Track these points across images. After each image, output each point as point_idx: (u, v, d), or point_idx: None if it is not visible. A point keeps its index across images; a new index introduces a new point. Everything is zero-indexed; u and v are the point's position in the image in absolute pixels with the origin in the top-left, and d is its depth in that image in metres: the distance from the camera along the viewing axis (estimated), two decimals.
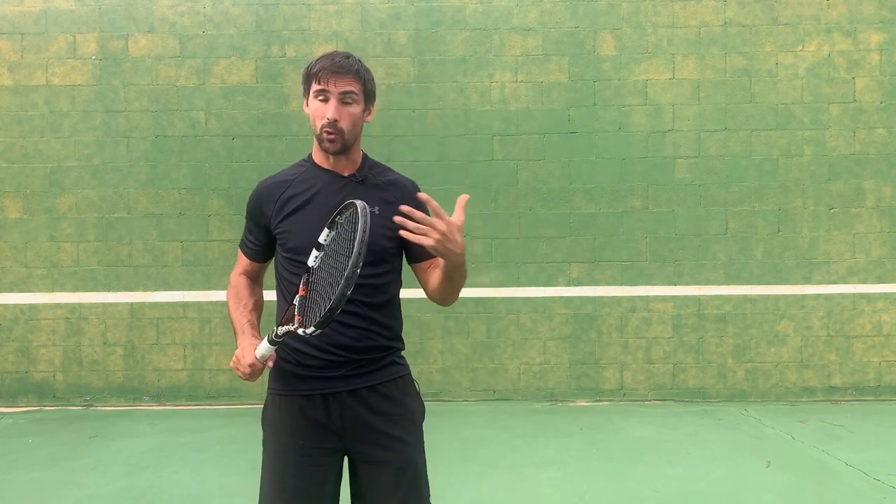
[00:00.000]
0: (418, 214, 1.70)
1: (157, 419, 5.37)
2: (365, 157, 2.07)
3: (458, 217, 1.75)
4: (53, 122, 5.79)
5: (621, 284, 5.82)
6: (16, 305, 5.76)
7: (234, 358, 1.88)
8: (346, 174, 1.99)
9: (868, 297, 5.81)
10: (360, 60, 1.95)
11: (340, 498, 2.01)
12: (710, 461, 4.33)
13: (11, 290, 5.77)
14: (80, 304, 5.77)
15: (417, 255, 2.01)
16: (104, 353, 5.78)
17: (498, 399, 5.78)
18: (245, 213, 2.08)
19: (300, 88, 2.07)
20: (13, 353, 5.76)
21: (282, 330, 1.78)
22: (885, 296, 5.81)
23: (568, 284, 5.82)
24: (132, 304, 5.78)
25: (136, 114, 5.80)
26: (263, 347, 1.82)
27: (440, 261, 1.86)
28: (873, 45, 5.82)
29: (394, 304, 2.02)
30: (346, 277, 1.58)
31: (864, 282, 5.80)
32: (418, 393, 2.06)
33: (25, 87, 5.78)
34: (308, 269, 1.80)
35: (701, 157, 5.83)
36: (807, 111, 5.83)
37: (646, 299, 5.81)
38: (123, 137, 5.81)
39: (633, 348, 5.81)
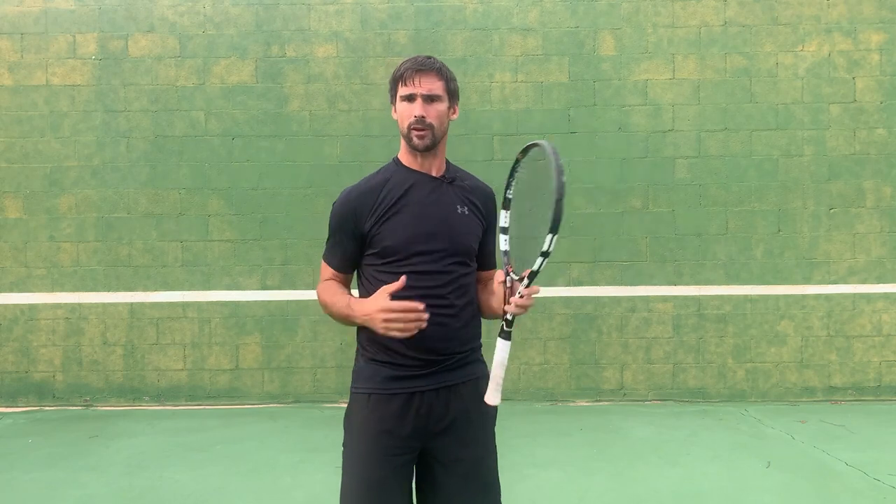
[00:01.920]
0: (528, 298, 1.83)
1: (157, 419, 5.37)
2: (447, 160, 2.11)
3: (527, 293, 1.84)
4: (53, 122, 5.79)
5: (621, 284, 5.82)
6: (16, 305, 5.77)
7: (377, 315, 1.81)
8: (435, 174, 2.03)
9: (868, 297, 5.81)
10: (441, 62, 2.04)
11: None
12: (710, 461, 4.33)
13: (11, 290, 5.77)
14: (80, 304, 5.77)
15: (481, 263, 2.12)
16: (104, 353, 5.78)
17: None
18: (331, 226, 2.03)
19: (300, 88, 2.11)
20: (13, 353, 5.77)
21: (511, 308, 1.84)
22: (885, 296, 5.81)
23: (568, 284, 5.82)
24: (132, 304, 5.78)
25: (136, 114, 5.81)
26: (502, 352, 1.86)
27: (494, 275, 2.04)
28: (873, 45, 5.82)
29: (475, 302, 2.08)
30: (557, 168, 1.70)
31: (864, 282, 5.80)
32: None
33: (25, 87, 5.78)
34: (504, 252, 1.95)
35: (701, 157, 5.83)
36: (807, 111, 5.83)
37: (646, 299, 5.81)
38: (123, 137, 5.81)
39: (633, 348, 5.81)
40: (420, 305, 1.80)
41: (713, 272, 5.82)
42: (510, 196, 1.98)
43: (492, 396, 1.86)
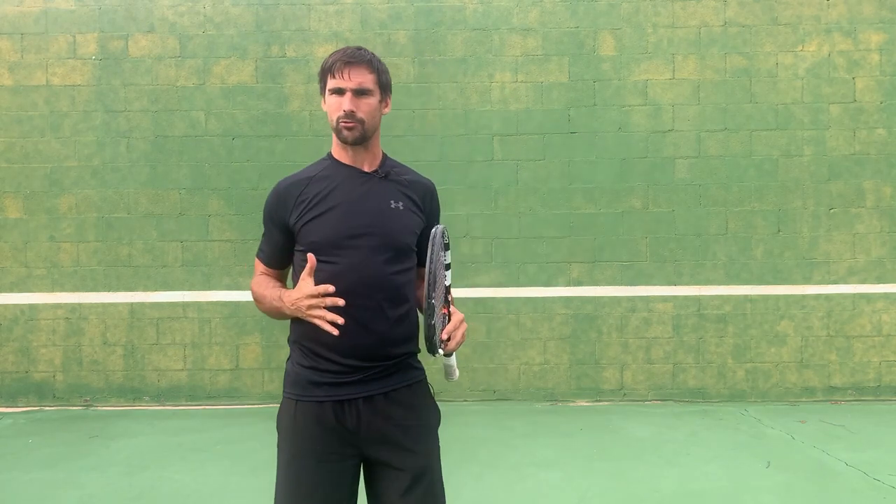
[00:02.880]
0: (452, 334, 1.81)
1: (157, 419, 5.37)
2: (385, 155, 2.04)
3: (455, 317, 1.84)
4: (53, 122, 5.79)
5: (621, 284, 5.82)
6: (16, 305, 5.77)
7: (303, 302, 1.78)
8: (367, 170, 1.97)
9: (868, 297, 5.81)
10: (372, 53, 1.95)
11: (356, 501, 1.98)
12: (710, 461, 4.33)
13: (11, 290, 5.77)
14: (80, 304, 5.77)
15: (421, 258, 2.04)
16: (104, 353, 5.78)
17: (498, 399, 5.78)
18: (262, 218, 2.00)
19: (300, 88, 2.10)
20: (13, 353, 5.77)
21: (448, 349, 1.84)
22: (885, 296, 5.81)
23: (568, 284, 5.82)
24: (132, 304, 5.78)
25: (136, 114, 5.81)
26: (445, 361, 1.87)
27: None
28: (873, 45, 5.82)
29: (410, 303, 1.97)
30: (424, 309, 1.70)
31: (864, 282, 5.80)
32: (433, 397, 2.05)
33: (25, 87, 5.78)
34: (447, 287, 1.88)
35: (701, 157, 5.83)
36: (807, 111, 5.83)
37: (646, 299, 5.81)
38: (123, 137, 5.81)
39: (633, 348, 5.81)
40: (331, 288, 1.74)
41: (713, 272, 5.82)
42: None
43: (453, 375, 1.88)
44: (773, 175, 5.83)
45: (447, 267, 1.83)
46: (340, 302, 1.75)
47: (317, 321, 1.76)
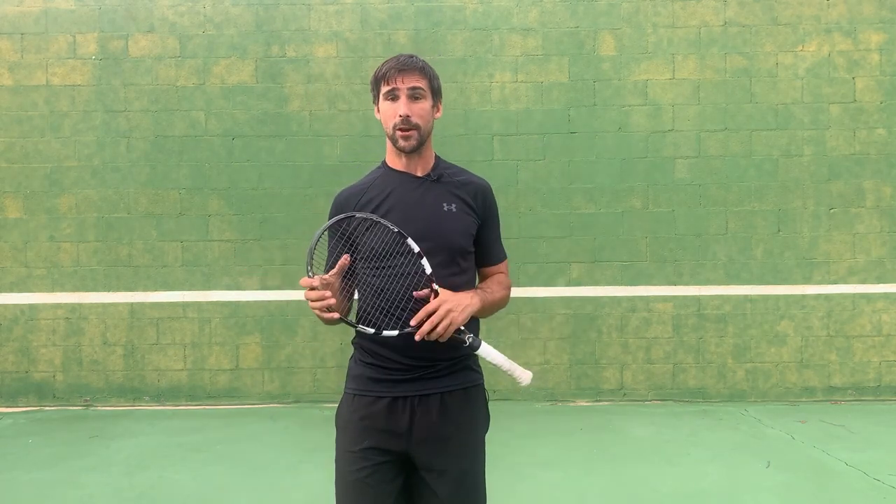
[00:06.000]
0: (422, 316, 1.81)
1: (157, 419, 5.37)
2: (438, 157, 2.06)
3: (440, 297, 1.84)
4: (53, 122, 5.79)
5: (621, 284, 5.82)
6: (16, 305, 5.76)
7: (306, 296, 1.78)
8: (420, 174, 1.99)
9: (868, 297, 5.81)
10: (423, 60, 1.98)
11: None
12: (710, 461, 4.33)
13: (11, 290, 5.77)
14: (80, 304, 5.77)
15: (479, 259, 2.07)
16: (104, 353, 5.78)
17: (498, 399, 5.76)
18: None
19: (300, 88, 2.09)
20: (13, 353, 5.77)
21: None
22: (885, 296, 5.81)
23: (568, 284, 5.82)
24: (132, 304, 5.78)
25: (136, 114, 5.81)
26: (490, 354, 1.87)
27: (492, 272, 2.08)
28: (873, 45, 5.82)
29: None
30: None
31: (864, 282, 5.80)
32: (486, 403, 2.08)
33: (25, 87, 5.78)
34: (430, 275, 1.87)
35: (701, 157, 5.83)
36: (807, 111, 5.83)
37: (646, 299, 5.81)
38: (123, 137, 5.81)
39: (633, 348, 5.81)
40: (315, 282, 1.74)
41: (713, 272, 5.82)
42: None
43: (523, 378, 1.87)
44: (773, 175, 5.83)
45: (419, 255, 1.86)
46: (328, 296, 1.74)
47: (318, 313, 1.77)
